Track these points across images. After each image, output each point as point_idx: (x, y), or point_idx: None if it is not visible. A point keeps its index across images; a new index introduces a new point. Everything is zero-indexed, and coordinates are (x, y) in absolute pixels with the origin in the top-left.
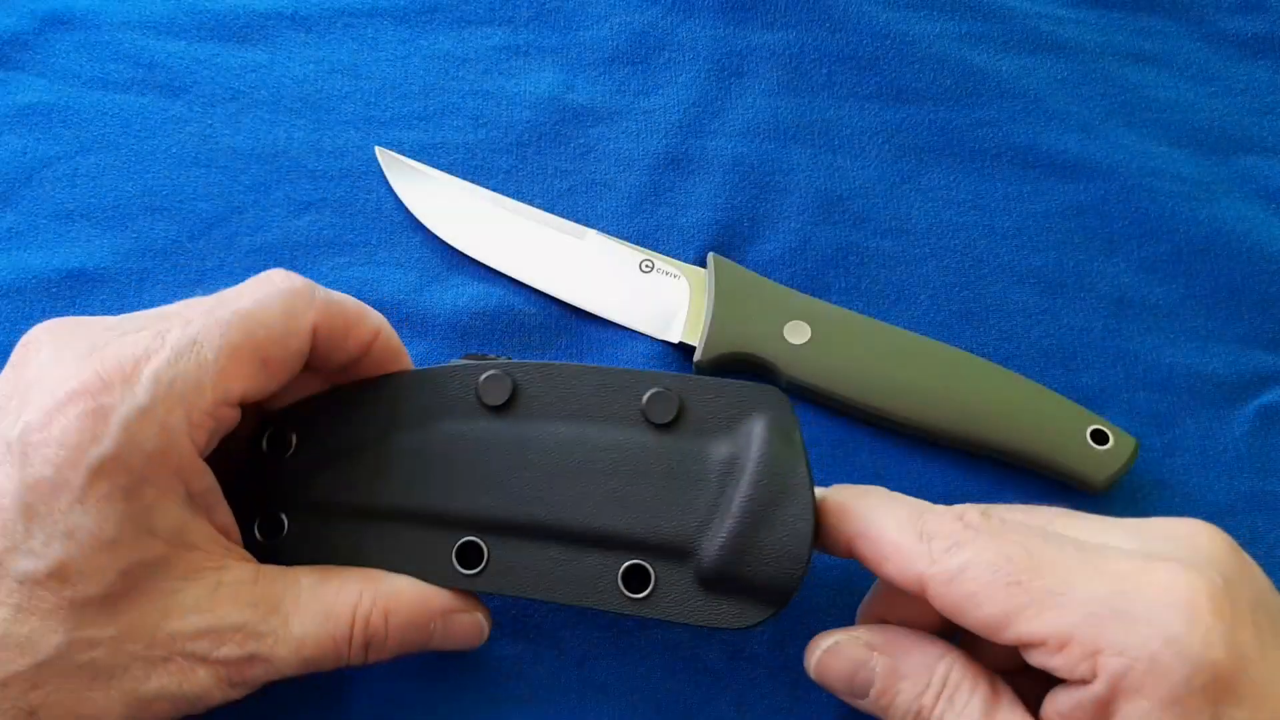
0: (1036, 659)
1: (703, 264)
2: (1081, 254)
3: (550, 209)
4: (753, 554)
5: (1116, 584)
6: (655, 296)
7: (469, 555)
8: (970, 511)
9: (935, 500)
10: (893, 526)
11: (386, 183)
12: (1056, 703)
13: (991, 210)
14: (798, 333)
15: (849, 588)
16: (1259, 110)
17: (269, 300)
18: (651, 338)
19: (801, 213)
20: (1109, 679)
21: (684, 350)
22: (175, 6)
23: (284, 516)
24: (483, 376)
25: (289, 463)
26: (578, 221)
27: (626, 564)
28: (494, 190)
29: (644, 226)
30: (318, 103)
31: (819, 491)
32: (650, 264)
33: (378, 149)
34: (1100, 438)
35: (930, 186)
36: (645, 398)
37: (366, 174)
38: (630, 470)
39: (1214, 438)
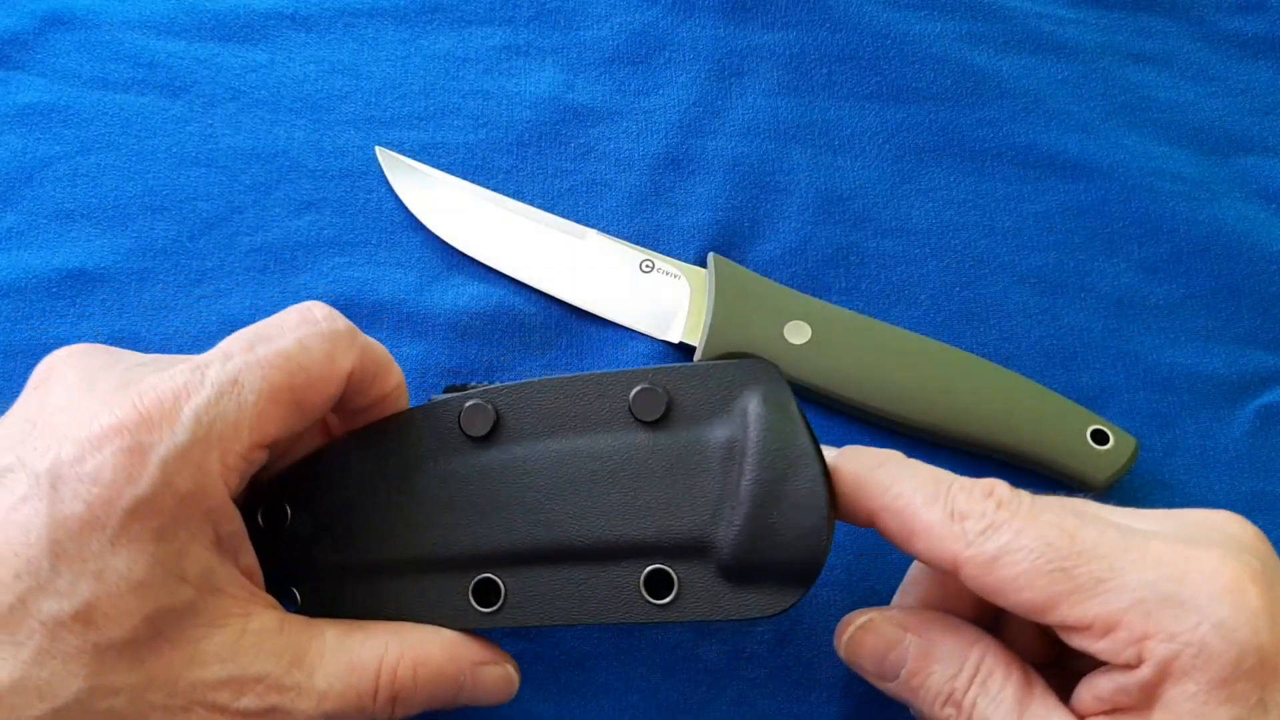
0: (1078, 642)
1: (703, 264)
2: (1082, 254)
3: (551, 209)
4: (770, 536)
5: (1162, 569)
6: (655, 296)
7: (486, 593)
8: (1000, 486)
9: None
10: (920, 502)
11: (387, 182)
12: (1096, 687)
13: (992, 210)
14: (798, 333)
15: (850, 587)
16: (1259, 110)
17: (312, 342)
18: (652, 338)
19: (802, 213)
20: (1157, 664)
21: (684, 350)
22: (175, 6)
23: (295, 591)
24: (463, 409)
25: (288, 535)
26: (578, 221)
27: (646, 571)
28: (494, 190)
29: (644, 226)
30: (318, 102)
31: (830, 453)
32: (650, 264)
33: (378, 149)
34: (1100, 438)
35: (931, 186)
36: (631, 397)
37: (367, 174)
38: (630, 474)
39: (1214, 438)
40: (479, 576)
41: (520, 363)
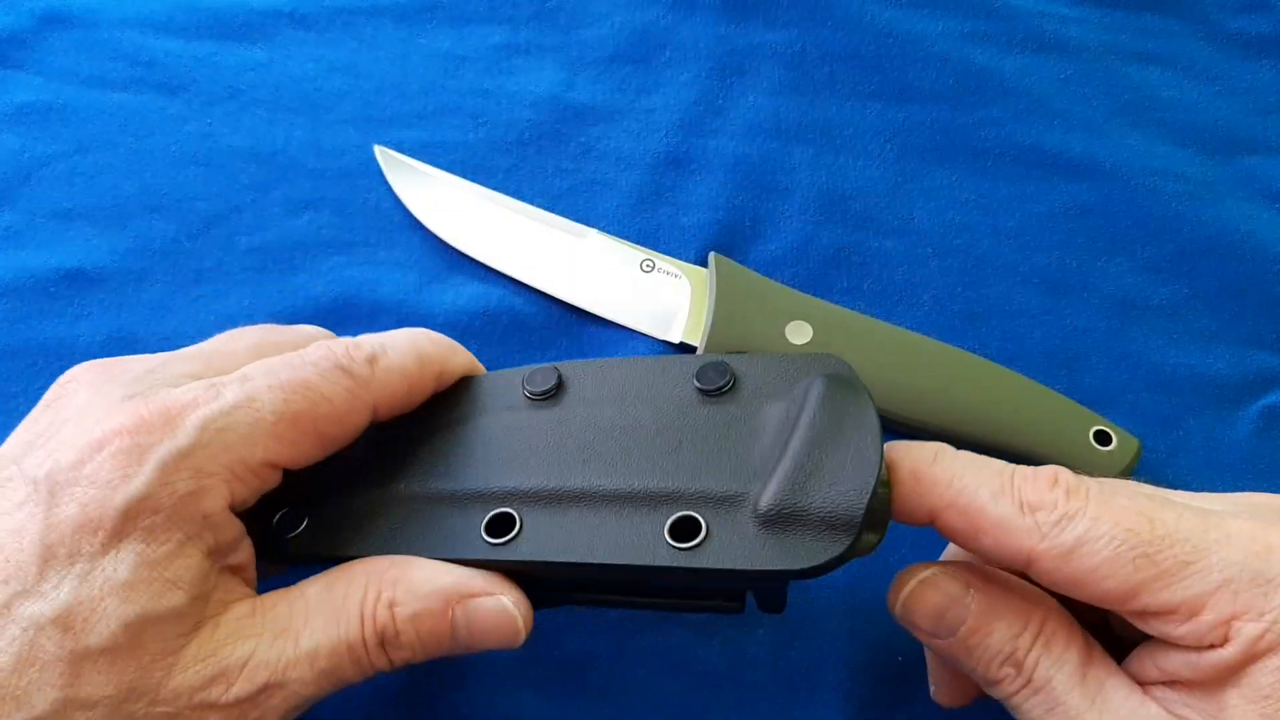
0: (1156, 627)
1: (704, 264)
2: (1085, 254)
3: (551, 208)
4: (813, 483)
5: (1246, 547)
6: (656, 296)
7: (500, 527)
8: (1063, 474)
9: None
10: (987, 497)
11: (386, 182)
12: (1162, 660)
13: (994, 210)
14: (799, 333)
15: (851, 590)
16: (1263, 110)
17: (334, 378)
18: (652, 338)
19: (803, 212)
20: (1245, 643)
21: (685, 350)
22: (173, 5)
23: (304, 515)
24: (528, 372)
25: (309, 469)
26: (578, 221)
27: (674, 516)
28: (494, 189)
29: (645, 226)
30: (317, 101)
31: None
32: (651, 264)
33: (377, 148)
34: (1103, 439)
35: (933, 186)
36: (697, 369)
37: (366, 173)
38: (677, 431)
39: (1218, 439)
40: (495, 511)
41: (520, 363)
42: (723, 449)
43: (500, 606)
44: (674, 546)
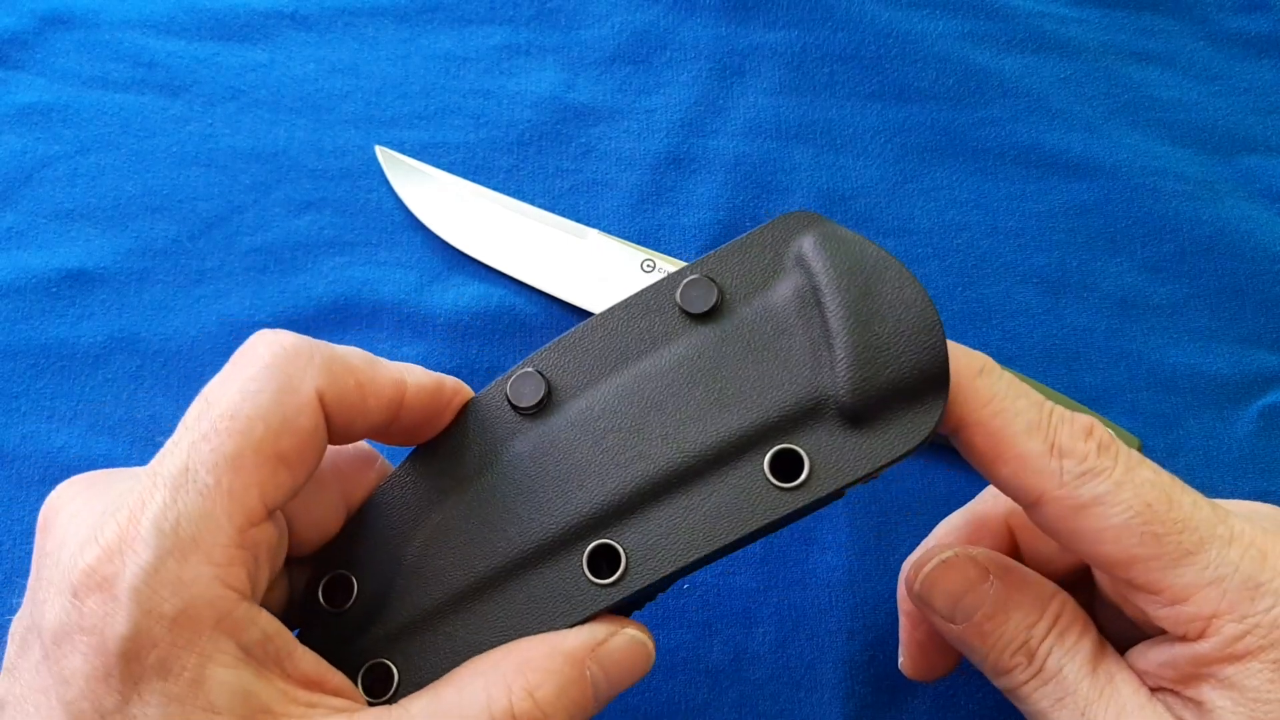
0: (1140, 600)
1: None
2: (1085, 254)
3: (551, 208)
4: (881, 354)
5: (1246, 550)
6: None
7: (600, 565)
8: (1098, 428)
9: (938, 501)
10: (1020, 428)
11: (387, 182)
12: (1149, 657)
13: (994, 210)
14: None
15: (852, 587)
16: (1263, 110)
17: (255, 384)
18: None
19: None
20: (1223, 641)
21: None
22: (175, 5)
23: (389, 664)
24: (508, 386)
25: (359, 606)
26: (579, 221)
27: (768, 457)
28: (495, 190)
29: (645, 226)
30: (318, 102)
31: None
32: (652, 264)
33: (378, 148)
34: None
35: (933, 186)
36: (678, 298)
37: (367, 173)
38: (706, 370)
39: (1217, 438)
40: (588, 547)
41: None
42: (761, 363)
43: (629, 639)
44: (783, 489)
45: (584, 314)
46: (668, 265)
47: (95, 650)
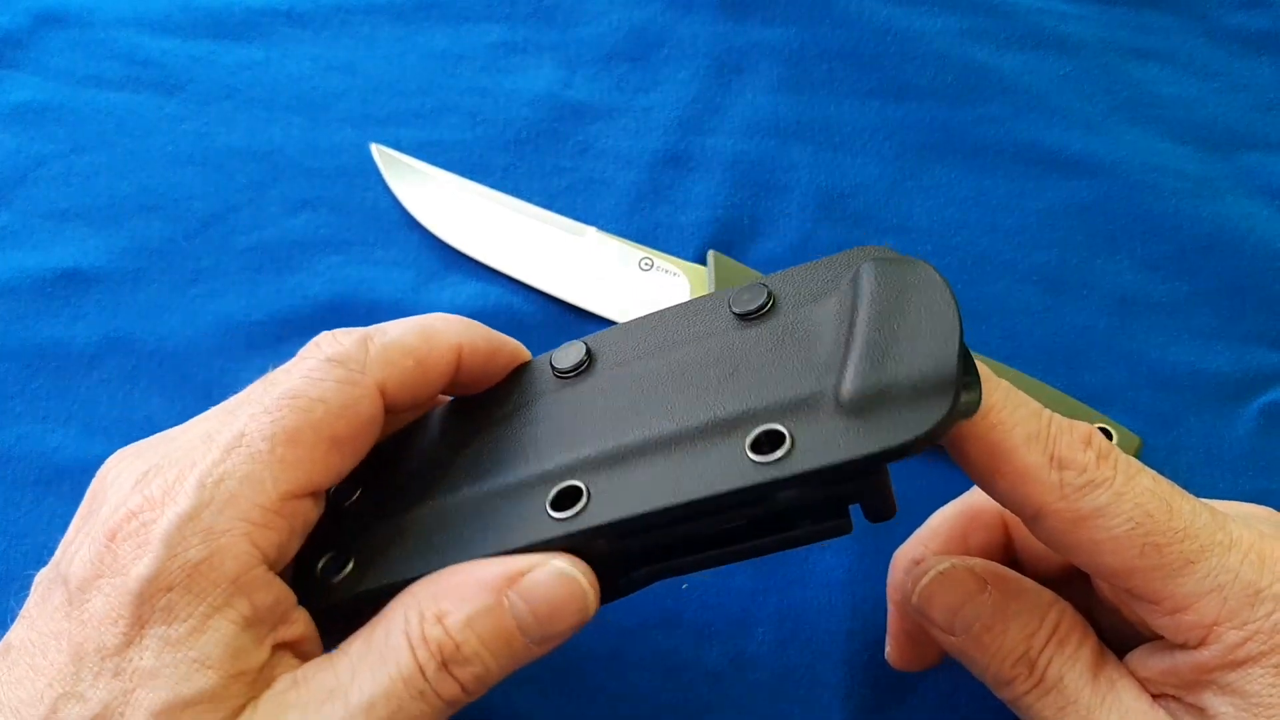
0: (1139, 609)
1: (703, 262)
2: (1084, 252)
3: (549, 206)
4: (891, 349)
5: (1245, 556)
6: (655, 295)
7: (566, 501)
8: (1097, 436)
9: (938, 501)
10: (1020, 439)
11: (383, 181)
12: (1150, 664)
13: (993, 208)
14: None
15: (851, 587)
16: (1262, 106)
17: (322, 375)
18: None
19: (802, 210)
20: (1224, 649)
21: None
22: (170, 4)
23: (351, 555)
24: (556, 350)
25: (349, 511)
26: (576, 219)
27: (753, 433)
28: (492, 188)
29: (643, 224)
30: (314, 100)
31: None
32: (650, 262)
33: (374, 146)
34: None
35: (932, 184)
36: (730, 298)
37: (363, 172)
38: (728, 358)
39: (1218, 436)
40: (559, 488)
41: None
42: (782, 359)
43: (555, 571)
44: (759, 462)
45: (582, 312)
46: (666, 263)
47: (116, 590)
